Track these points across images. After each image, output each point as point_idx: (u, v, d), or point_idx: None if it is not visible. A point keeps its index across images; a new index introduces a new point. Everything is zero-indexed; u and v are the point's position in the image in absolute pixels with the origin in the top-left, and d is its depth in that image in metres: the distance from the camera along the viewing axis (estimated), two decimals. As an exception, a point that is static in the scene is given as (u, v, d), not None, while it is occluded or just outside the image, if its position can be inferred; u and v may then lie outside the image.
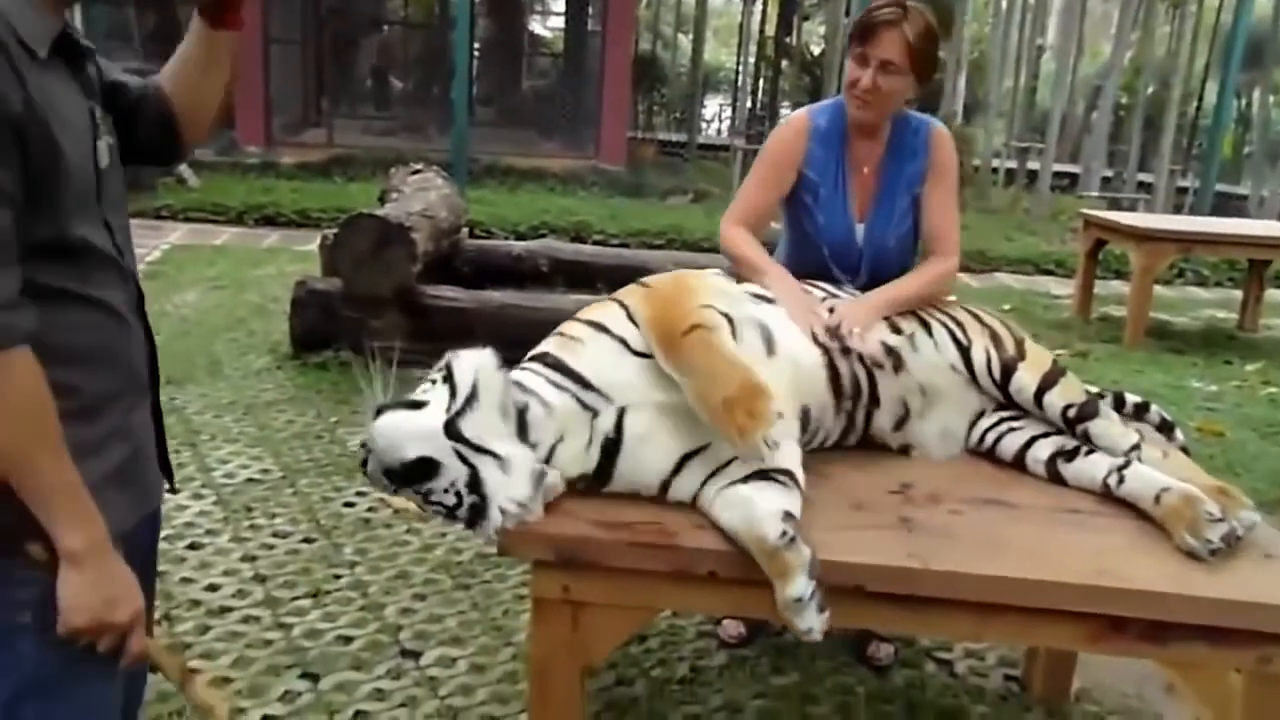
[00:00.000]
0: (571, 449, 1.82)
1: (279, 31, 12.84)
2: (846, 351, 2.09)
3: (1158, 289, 6.97)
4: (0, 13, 1.12)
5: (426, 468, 1.66)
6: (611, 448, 1.83)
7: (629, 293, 1.98)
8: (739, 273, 2.31)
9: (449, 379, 1.74)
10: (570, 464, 1.82)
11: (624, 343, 1.87)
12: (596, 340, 1.89)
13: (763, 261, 2.32)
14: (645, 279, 2.05)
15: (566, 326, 1.97)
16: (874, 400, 2.13)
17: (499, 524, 1.69)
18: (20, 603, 1.22)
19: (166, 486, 1.53)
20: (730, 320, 1.94)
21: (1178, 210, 12.09)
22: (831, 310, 2.17)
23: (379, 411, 1.70)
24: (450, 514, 1.70)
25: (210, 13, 1.42)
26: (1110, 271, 8.47)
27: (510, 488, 1.69)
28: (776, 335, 2.03)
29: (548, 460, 1.80)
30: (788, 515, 1.68)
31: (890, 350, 2.14)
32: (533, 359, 1.92)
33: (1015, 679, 2.70)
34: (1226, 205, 12.50)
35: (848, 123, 2.42)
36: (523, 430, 1.78)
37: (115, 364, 1.31)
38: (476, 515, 1.69)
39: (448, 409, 1.69)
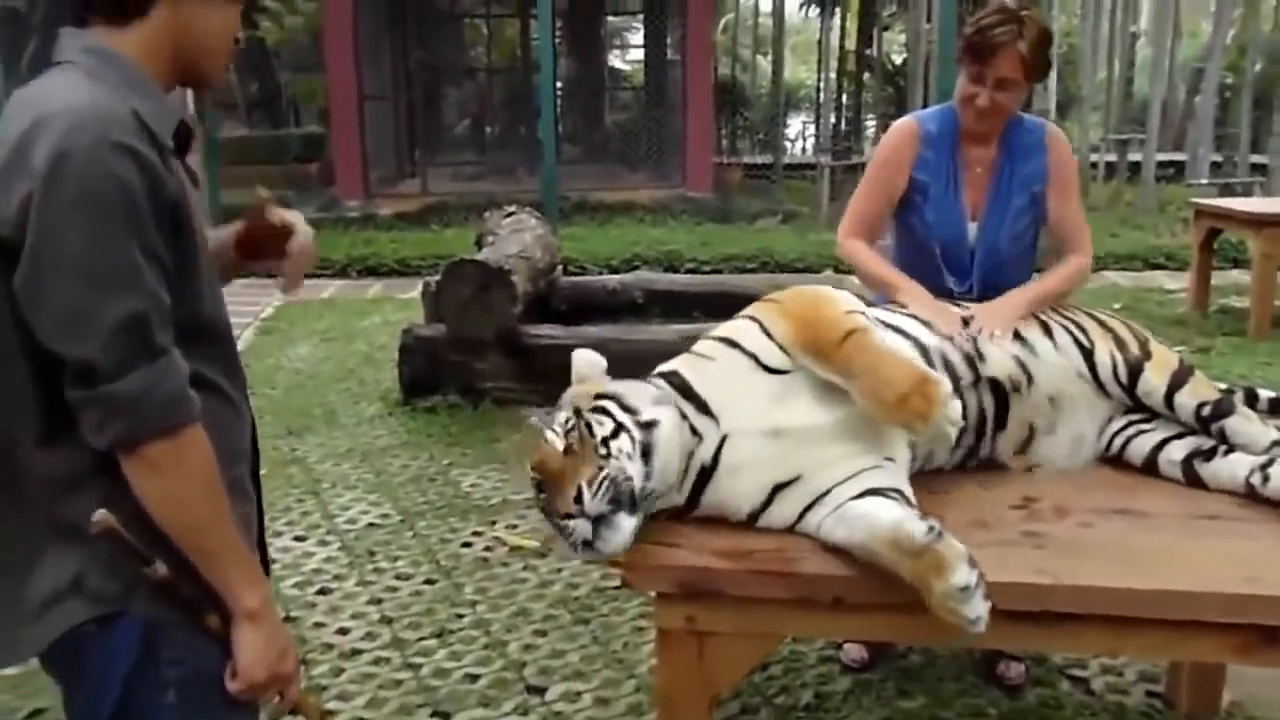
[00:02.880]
0: (669, 495, 1.83)
1: (372, 89, 13.34)
2: (977, 381, 2.06)
3: (1281, 275, 6.58)
4: (137, 112, 1.19)
5: None
6: (703, 479, 1.84)
7: (762, 309, 1.96)
8: (867, 288, 2.33)
9: (647, 455, 1.73)
10: (664, 502, 1.84)
11: (755, 359, 1.86)
12: (726, 356, 1.88)
13: (890, 274, 2.35)
14: (773, 295, 2.04)
15: (700, 344, 1.96)
16: (1000, 426, 2.08)
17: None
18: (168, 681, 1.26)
19: None
20: None
21: (1299, 190, 11.44)
22: (967, 321, 2.16)
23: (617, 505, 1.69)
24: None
25: (246, 250, 1.49)
26: (1227, 261, 8.03)
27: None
28: None
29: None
30: (924, 516, 1.67)
31: (1021, 364, 2.10)
32: (663, 376, 1.91)
33: (1158, 695, 2.58)
34: (1352, 180, 11.76)
35: (960, 128, 2.42)
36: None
37: (233, 451, 1.33)
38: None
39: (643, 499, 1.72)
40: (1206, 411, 2.03)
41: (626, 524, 1.68)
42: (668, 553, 1.84)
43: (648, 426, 1.75)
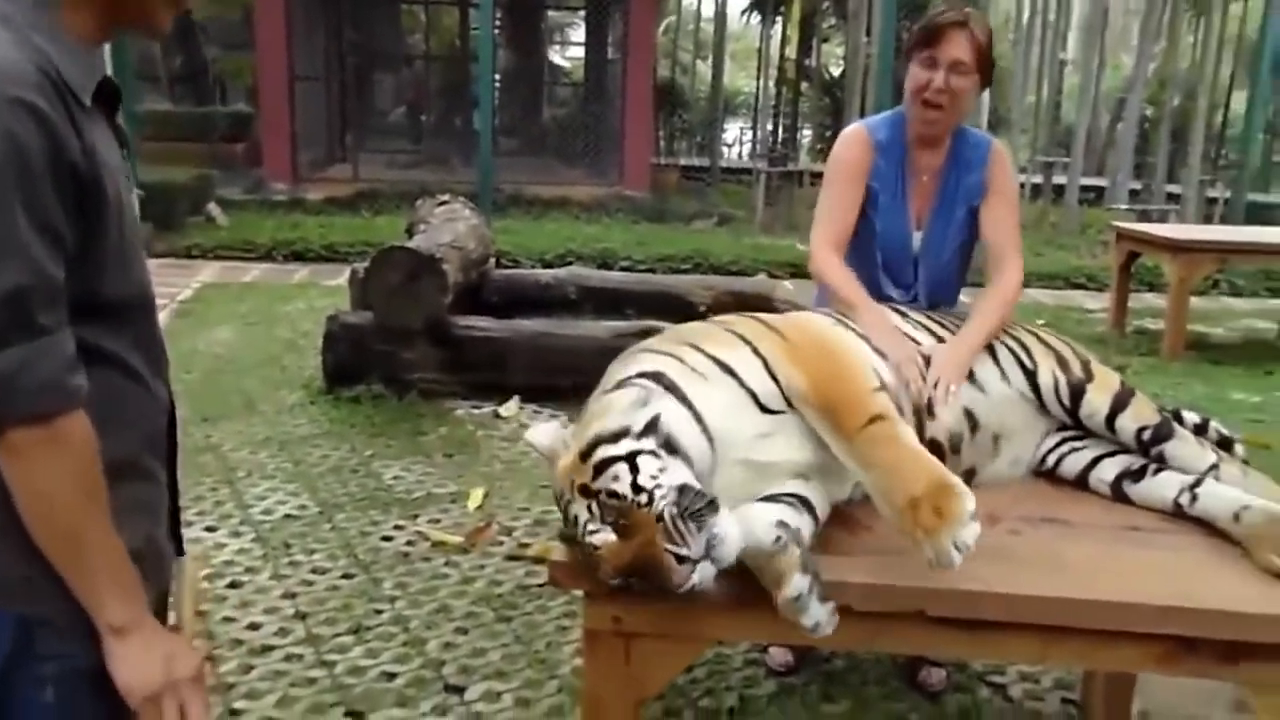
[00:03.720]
0: None
1: (303, 69, 13.03)
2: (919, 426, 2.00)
3: (1193, 300, 6.85)
4: (51, 61, 1.09)
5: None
6: None
7: (768, 342, 1.81)
8: (830, 304, 2.28)
9: (673, 449, 1.58)
10: None
11: (754, 396, 1.75)
12: (724, 385, 1.74)
13: (859, 297, 2.24)
14: (779, 325, 1.91)
15: (686, 354, 1.78)
16: None
17: None
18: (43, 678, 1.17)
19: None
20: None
21: (1208, 220, 11.93)
22: (928, 360, 2.09)
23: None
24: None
25: None
26: (1143, 284, 8.34)
27: None
28: None
29: None
30: (782, 523, 1.62)
31: (968, 414, 2.06)
32: (649, 376, 1.72)
33: (1073, 702, 2.62)
34: (1257, 214, 12.28)
35: (909, 134, 2.41)
36: None
37: (133, 429, 1.23)
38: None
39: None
40: (1147, 435, 2.04)
41: (724, 522, 1.50)
42: (596, 551, 1.79)
43: (651, 429, 1.58)
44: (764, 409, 1.75)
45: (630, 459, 1.52)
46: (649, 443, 1.56)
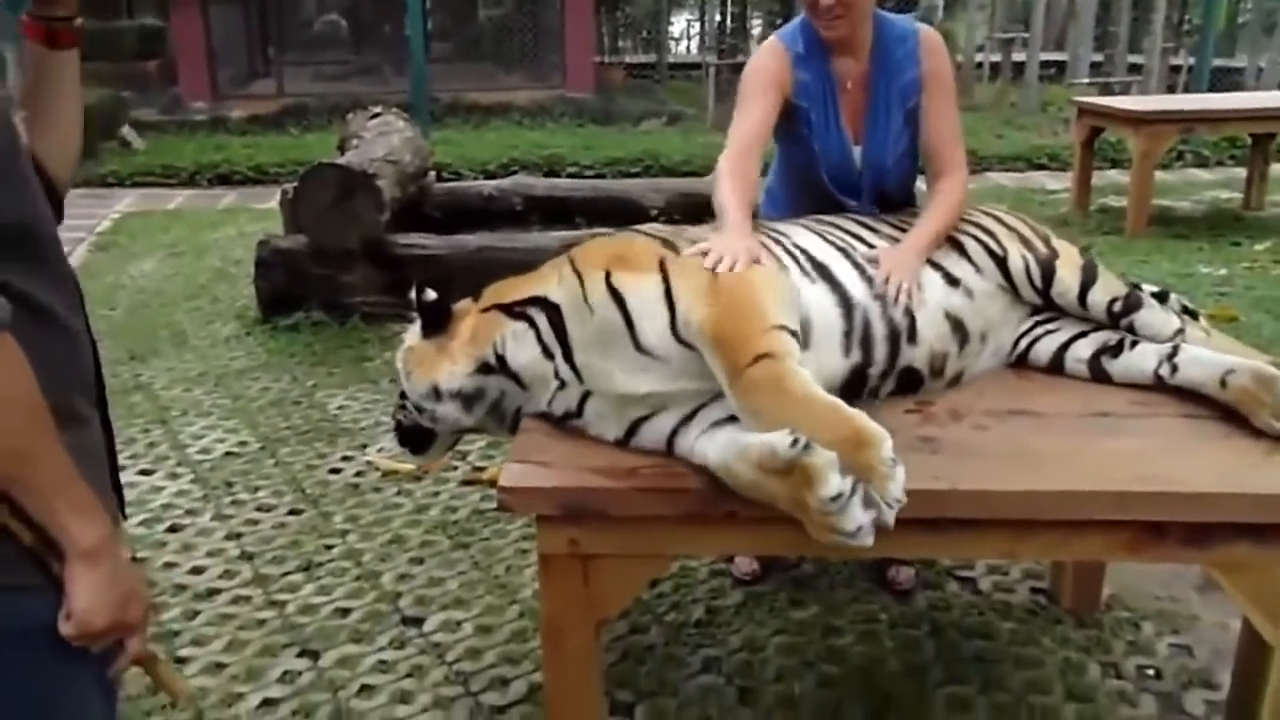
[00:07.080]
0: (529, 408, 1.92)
1: (216, -21, 12.28)
2: (886, 374, 1.91)
3: (1157, 174, 6.70)
4: None
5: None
6: (570, 417, 1.85)
7: (684, 270, 1.73)
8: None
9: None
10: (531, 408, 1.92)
11: (632, 331, 1.73)
12: (608, 319, 1.75)
13: (729, 203, 1.99)
14: (708, 267, 1.74)
15: (593, 279, 1.78)
16: (910, 391, 1.96)
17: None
18: None
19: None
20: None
21: (1172, 90, 11.70)
22: (875, 262, 1.96)
23: None
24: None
25: (43, 33, 1.28)
26: (1106, 160, 8.20)
27: None
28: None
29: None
30: (792, 430, 1.50)
31: (956, 324, 1.96)
32: (543, 307, 1.85)
33: (1043, 591, 2.60)
34: (1222, 80, 12.00)
35: (823, 40, 2.21)
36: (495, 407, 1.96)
37: (54, 370, 1.13)
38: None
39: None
40: (1118, 307, 2.00)
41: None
42: (546, 472, 1.72)
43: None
44: (639, 347, 1.73)
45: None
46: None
